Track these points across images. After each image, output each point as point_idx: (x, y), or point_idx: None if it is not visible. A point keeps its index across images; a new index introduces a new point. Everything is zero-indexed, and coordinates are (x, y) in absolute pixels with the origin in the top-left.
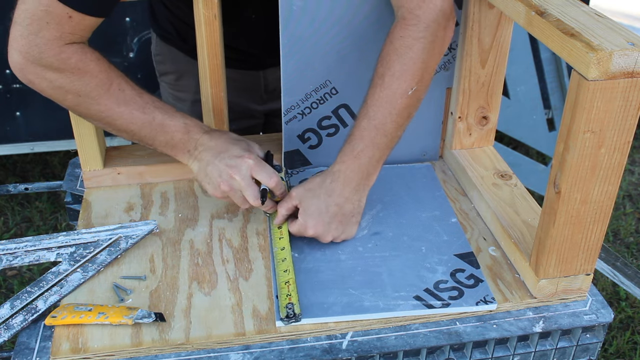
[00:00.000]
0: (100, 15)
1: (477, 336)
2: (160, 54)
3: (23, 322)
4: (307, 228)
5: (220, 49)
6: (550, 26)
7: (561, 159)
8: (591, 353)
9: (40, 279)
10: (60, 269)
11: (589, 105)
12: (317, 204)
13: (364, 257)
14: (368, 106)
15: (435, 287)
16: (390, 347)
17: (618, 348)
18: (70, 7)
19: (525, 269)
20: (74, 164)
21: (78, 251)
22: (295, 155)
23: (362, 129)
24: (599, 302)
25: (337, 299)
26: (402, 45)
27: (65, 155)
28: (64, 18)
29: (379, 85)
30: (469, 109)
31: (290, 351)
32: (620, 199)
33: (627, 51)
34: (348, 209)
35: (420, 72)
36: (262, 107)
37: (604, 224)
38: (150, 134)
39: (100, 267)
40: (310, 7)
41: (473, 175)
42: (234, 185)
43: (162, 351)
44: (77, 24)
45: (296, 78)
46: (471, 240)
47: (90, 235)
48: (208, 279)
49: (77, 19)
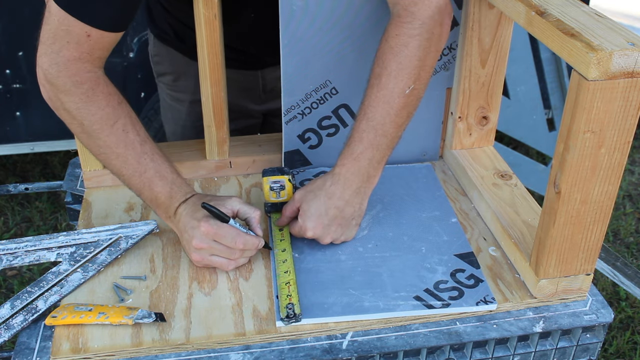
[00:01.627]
0: (118, 30)
1: (477, 336)
2: (158, 55)
3: (23, 322)
4: (306, 230)
5: (221, 48)
6: (550, 26)
7: (561, 159)
8: (591, 353)
9: (41, 279)
10: (61, 269)
11: (589, 105)
12: (316, 206)
13: (364, 258)
14: (366, 107)
15: (436, 287)
16: (391, 347)
17: (618, 348)
18: (89, 25)
19: (525, 269)
20: (74, 164)
21: (78, 251)
22: (295, 155)
23: (361, 130)
24: (599, 302)
25: (337, 299)
26: (397, 43)
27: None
28: (82, 37)
29: (375, 85)
30: (469, 109)
31: (291, 351)
32: (620, 199)
33: (627, 51)
34: (348, 212)
35: (417, 70)
36: (260, 106)
37: (604, 224)
38: (138, 186)
39: (100, 267)
40: (311, 7)
41: (473, 175)
42: (203, 255)
43: (162, 351)
44: (96, 43)
45: (296, 78)
46: (471, 241)
47: (90, 235)
48: (208, 279)
49: (96, 37)
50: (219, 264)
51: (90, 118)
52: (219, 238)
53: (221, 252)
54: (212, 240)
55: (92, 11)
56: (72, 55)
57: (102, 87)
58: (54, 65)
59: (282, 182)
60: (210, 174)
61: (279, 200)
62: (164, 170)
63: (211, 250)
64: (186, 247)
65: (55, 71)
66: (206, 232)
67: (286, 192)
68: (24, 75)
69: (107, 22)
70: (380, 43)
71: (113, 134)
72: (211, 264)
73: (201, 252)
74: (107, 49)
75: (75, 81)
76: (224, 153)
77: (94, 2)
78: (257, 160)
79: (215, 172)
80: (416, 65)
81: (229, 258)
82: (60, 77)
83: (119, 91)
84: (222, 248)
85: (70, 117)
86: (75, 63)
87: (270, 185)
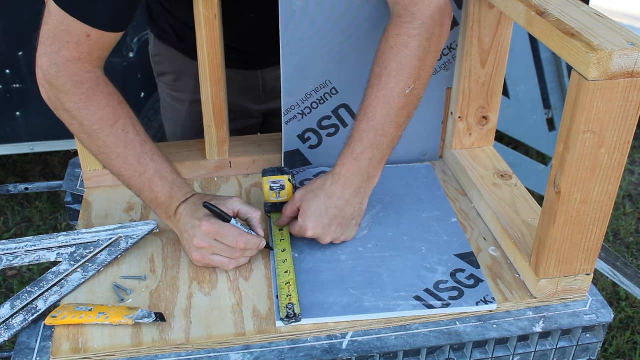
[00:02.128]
0: (118, 30)
1: (477, 336)
2: (158, 55)
3: (23, 322)
4: (306, 229)
5: (221, 48)
6: (550, 26)
7: (561, 159)
8: (591, 353)
9: (41, 279)
10: (61, 269)
11: (589, 105)
12: (317, 206)
13: (364, 258)
14: (366, 107)
15: (435, 287)
16: (391, 347)
17: (618, 348)
18: (89, 25)
19: (525, 269)
20: (74, 164)
21: (78, 251)
22: (295, 155)
23: (361, 130)
24: (599, 302)
25: (337, 299)
26: (397, 43)
27: (65, 155)
28: (82, 37)
29: (376, 85)
30: (469, 109)
31: (291, 351)
32: (620, 199)
33: (627, 51)
34: (348, 212)
35: (417, 70)
36: (260, 106)
37: (604, 224)
38: (138, 186)
39: (100, 267)
40: (311, 8)
41: (473, 175)
42: (204, 254)
43: (162, 351)
44: (96, 43)
45: (296, 78)
46: (471, 240)
47: (90, 235)
48: (208, 279)
49: (95, 37)
50: (220, 264)
51: (90, 118)
52: (221, 237)
53: (222, 251)
54: (214, 240)
55: (91, 11)
56: (72, 55)
57: (102, 87)
58: (53, 66)
59: (282, 182)
60: (210, 174)
61: (279, 200)
62: (164, 170)
63: (212, 249)
64: (187, 246)
65: (55, 71)
66: (208, 231)
67: (286, 192)
68: (24, 75)
69: (107, 23)
70: (381, 43)
71: (113, 134)
72: (212, 264)
73: (202, 252)
74: (107, 49)
75: (75, 81)
76: (224, 153)
77: (94, 2)
78: (257, 160)
79: (215, 172)
80: (416, 65)
81: (230, 257)
82: (60, 78)
83: (118, 91)
84: (223, 247)
85: (70, 117)
86: (75, 63)
87: (270, 185)
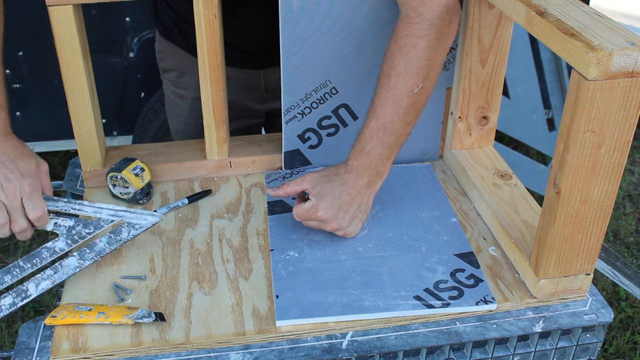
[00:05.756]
0: None
1: (477, 336)
2: (162, 51)
3: (12, 305)
4: (317, 209)
5: (220, 48)
6: (550, 26)
7: (561, 159)
8: (591, 353)
9: (34, 253)
10: (57, 247)
11: (589, 105)
12: (331, 188)
13: (364, 257)
14: (375, 105)
15: (435, 287)
16: (390, 347)
17: (618, 348)
18: None
19: (525, 268)
20: (74, 164)
21: (77, 227)
22: (295, 155)
23: (371, 128)
24: (599, 302)
25: (337, 299)
26: (406, 43)
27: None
28: None
29: (385, 84)
30: (469, 109)
31: (290, 351)
32: (620, 199)
33: (627, 51)
34: (357, 202)
35: (425, 69)
36: (262, 106)
37: (604, 224)
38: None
39: (98, 257)
40: (310, 7)
41: (473, 175)
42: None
43: (162, 351)
44: None
45: (296, 78)
46: (471, 240)
47: (92, 210)
48: (208, 278)
49: None
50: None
51: None
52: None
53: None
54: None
55: None
56: None
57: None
58: None
59: (139, 166)
60: (210, 174)
61: (146, 183)
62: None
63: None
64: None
65: None
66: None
67: (147, 173)
68: (24, 75)
69: None
70: (390, 43)
71: None
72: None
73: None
74: None
75: None
76: (224, 153)
77: None
78: (257, 160)
79: (215, 171)
80: (425, 65)
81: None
82: None
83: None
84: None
85: None
86: None
87: (133, 173)
